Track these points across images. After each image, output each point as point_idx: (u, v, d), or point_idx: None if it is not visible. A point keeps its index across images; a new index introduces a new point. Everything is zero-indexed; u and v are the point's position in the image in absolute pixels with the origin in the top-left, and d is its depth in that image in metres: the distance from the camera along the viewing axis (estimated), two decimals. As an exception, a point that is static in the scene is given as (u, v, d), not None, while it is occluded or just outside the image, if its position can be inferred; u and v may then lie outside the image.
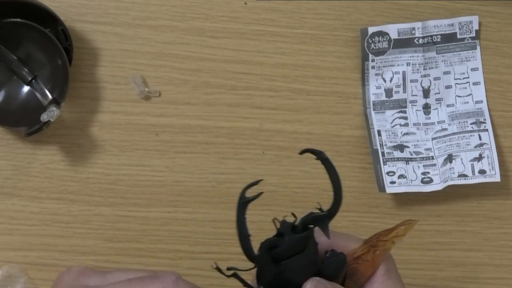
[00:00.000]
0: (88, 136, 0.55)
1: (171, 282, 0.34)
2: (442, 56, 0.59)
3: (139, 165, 0.56)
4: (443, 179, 0.57)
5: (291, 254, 0.35)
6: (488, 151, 0.57)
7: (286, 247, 0.34)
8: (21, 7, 0.50)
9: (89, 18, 0.55)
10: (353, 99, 0.58)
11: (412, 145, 0.58)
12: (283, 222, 0.35)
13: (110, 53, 0.55)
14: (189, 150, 0.56)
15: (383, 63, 0.58)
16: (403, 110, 0.59)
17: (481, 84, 0.59)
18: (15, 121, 0.52)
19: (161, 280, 0.34)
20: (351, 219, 0.58)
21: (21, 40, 0.51)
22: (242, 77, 0.57)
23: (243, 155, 0.57)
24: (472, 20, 0.58)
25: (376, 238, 0.38)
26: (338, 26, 0.58)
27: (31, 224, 0.54)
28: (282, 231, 0.35)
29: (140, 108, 0.56)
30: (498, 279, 0.60)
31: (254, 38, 0.57)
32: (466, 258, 0.59)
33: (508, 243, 0.60)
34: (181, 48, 0.56)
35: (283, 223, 0.35)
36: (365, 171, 0.58)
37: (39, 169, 0.55)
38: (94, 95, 0.55)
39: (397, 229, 0.38)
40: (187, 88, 0.56)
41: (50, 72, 0.52)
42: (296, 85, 0.58)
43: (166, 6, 0.56)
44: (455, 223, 0.59)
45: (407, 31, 0.58)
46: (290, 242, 0.34)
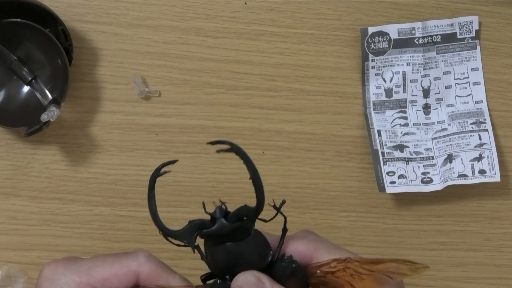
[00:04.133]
0: (88, 136, 0.55)
1: (144, 257, 0.36)
2: (442, 56, 0.59)
3: (139, 165, 0.56)
4: (443, 179, 0.57)
5: (223, 241, 0.35)
6: (488, 151, 0.57)
7: (216, 231, 0.34)
8: (21, 7, 0.50)
9: (89, 18, 0.55)
10: (353, 99, 0.58)
11: (412, 145, 0.58)
12: (216, 209, 0.35)
13: (110, 53, 0.55)
14: (189, 150, 0.56)
15: (383, 63, 0.58)
16: (403, 110, 0.59)
17: (481, 84, 0.59)
18: (15, 121, 0.52)
19: (134, 255, 0.36)
20: (351, 219, 0.58)
21: (21, 40, 0.51)
22: (242, 77, 0.57)
23: (243, 155, 0.57)
24: (472, 20, 0.58)
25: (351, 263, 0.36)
26: (338, 26, 0.58)
27: (31, 224, 0.54)
28: (214, 215, 0.35)
29: (140, 108, 0.56)
30: (498, 279, 0.60)
31: (254, 38, 0.57)
32: (466, 258, 0.59)
33: (508, 243, 0.60)
34: (181, 48, 0.56)
35: (217, 208, 0.35)
36: (365, 171, 0.58)
37: (39, 169, 0.55)
38: (94, 95, 0.55)
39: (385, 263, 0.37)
40: (187, 88, 0.56)
41: (50, 72, 0.52)
42: (296, 85, 0.58)
43: (166, 6, 0.56)
44: (455, 223, 0.59)
45: (407, 31, 0.58)
46: (221, 227, 0.34)
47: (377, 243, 0.58)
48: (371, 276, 0.36)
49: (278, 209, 0.36)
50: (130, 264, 0.35)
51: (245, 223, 0.35)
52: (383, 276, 0.36)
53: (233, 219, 0.35)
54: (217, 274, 0.36)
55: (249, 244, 0.35)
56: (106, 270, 0.35)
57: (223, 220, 0.34)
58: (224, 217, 0.35)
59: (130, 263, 0.35)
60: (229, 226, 0.34)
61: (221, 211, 0.35)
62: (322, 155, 0.58)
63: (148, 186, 0.36)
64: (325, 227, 0.58)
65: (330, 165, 0.58)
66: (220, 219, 0.35)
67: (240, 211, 0.35)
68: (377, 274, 0.36)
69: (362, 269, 0.36)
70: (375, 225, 0.58)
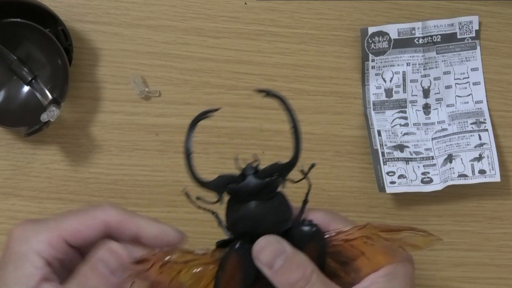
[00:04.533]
0: (88, 136, 0.55)
1: (110, 206, 0.36)
2: (442, 56, 0.59)
3: (139, 165, 0.56)
4: (443, 179, 0.57)
5: (251, 198, 0.34)
6: (488, 151, 0.57)
7: (245, 187, 0.34)
8: (21, 7, 0.50)
9: (89, 18, 0.55)
10: (353, 99, 0.58)
11: (412, 145, 0.58)
12: (248, 165, 0.35)
13: (110, 53, 0.55)
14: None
15: (383, 63, 0.58)
16: (403, 110, 0.59)
17: (481, 84, 0.59)
18: (15, 121, 0.52)
19: (101, 206, 0.36)
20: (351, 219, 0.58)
21: (21, 40, 0.51)
22: (242, 77, 0.57)
23: (243, 155, 0.57)
24: (472, 20, 0.58)
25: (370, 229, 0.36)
26: (338, 26, 0.58)
27: (31, 224, 0.54)
28: (244, 172, 0.35)
29: (140, 108, 0.56)
30: (498, 279, 0.60)
31: (254, 38, 0.57)
32: (466, 258, 0.59)
33: (508, 243, 0.60)
34: (181, 48, 0.56)
35: (248, 165, 0.35)
36: (365, 171, 0.58)
37: (39, 169, 0.55)
38: (94, 95, 0.55)
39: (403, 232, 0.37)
40: (187, 88, 0.56)
41: (50, 72, 0.52)
42: (296, 85, 0.58)
43: (166, 6, 0.56)
44: (455, 223, 0.59)
45: (407, 31, 0.58)
46: (250, 183, 0.34)
47: (377, 243, 0.58)
48: (384, 247, 0.36)
49: (306, 174, 0.36)
50: (99, 214, 0.36)
51: (275, 179, 0.34)
52: (396, 248, 0.36)
53: (263, 175, 0.34)
54: (234, 239, 0.35)
55: (273, 205, 0.35)
56: (76, 222, 0.36)
57: (252, 176, 0.34)
58: (254, 173, 0.34)
59: (98, 213, 0.36)
60: (259, 182, 0.34)
61: (252, 168, 0.35)
62: (322, 155, 0.58)
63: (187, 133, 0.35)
64: (325, 227, 0.58)
65: (330, 165, 0.58)
66: (250, 176, 0.34)
67: (271, 168, 0.35)
68: (391, 244, 0.36)
69: (379, 238, 0.36)
70: (375, 225, 0.58)
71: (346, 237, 0.36)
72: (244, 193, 0.34)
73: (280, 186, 0.35)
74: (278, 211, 0.35)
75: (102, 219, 0.36)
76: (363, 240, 0.36)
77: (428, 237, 0.37)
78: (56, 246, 0.35)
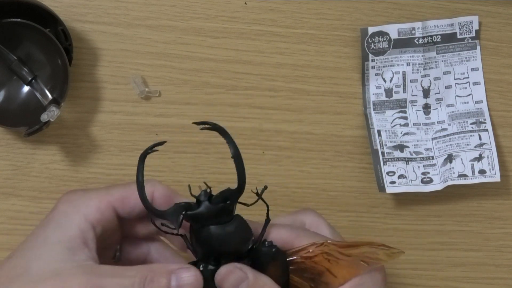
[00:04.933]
0: (88, 136, 0.55)
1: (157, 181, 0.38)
2: (442, 56, 0.59)
3: (139, 165, 0.56)
4: (443, 179, 0.57)
5: (210, 223, 0.36)
6: (488, 151, 0.57)
7: (200, 213, 0.36)
8: (21, 7, 0.50)
9: (89, 18, 0.55)
10: (353, 99, 0.58)
11: (412, 145, 0.58)
12: (201, 192, 0.36)
13: (110, 53, 0.55)
14: (189, 150, 0.56)
15: (383, 63, 0.58)
16: (403, 110, 0.59)
17: (481, 84, 0.59)
18: (15, 121, 0.52)
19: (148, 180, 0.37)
20: (351, 219, 0.58)
21: (21, 40, 0.51)
22: (242, 77, 0.57)
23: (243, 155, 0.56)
24: (472, 20, 0.58)
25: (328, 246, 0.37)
26: (338, 26, 0.58)
27: (31, 224, 0.54)
28: (199, 198, 0.36)
29: (140, 108, 0.56)
30: (498, 279, 0.60)
31: (254, 38, 0.57)
32: (466, 258, 0.59)
33: (508, 243, 0.60)
34: (181, 48, 0.56)
35: (202, 192, 0.36)
36: (365, 171, 0.58)
37: (39, 169, 0.55)
38: (94, 95, 0.55)
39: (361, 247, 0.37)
40: (187, 88, 0.56)
41: (50, 72, 0.52)
42: (296, 85, 0.58)
43: (166, 6, 0.56)
44: (455, 223, 0.59)
45: (407, 31, 0.58)
46: (205, 209, 0.36)
47: (377, 243, 0.58)
48: (347, 261, 0.37)
49: (260, 195, 0.37)
50: (147, 185, 0.37)
51: (228, 204, 0.36)
52: (360, 262, 0.37)
53: (216, 201, 0.36)
54: (201, 261, 0.37)
55: (232, 227, 0.36)
56: (125, 191, 0.38)
57: (207, 202, 0.36)
58: (208, 200, 0.36)
59: (146, 185, 0.37)
60: (213, 207, 0.36)
61: (206, 194, 0.36)
62: (322, 155, 0.58)
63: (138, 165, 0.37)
64: (325, 227, 0.58)
65: (330, 165, 0.58)
66: (204, 202, 0.36)
67: (224, 193, 0.36)
68: (353, 258, 0.37)
69: (339, 254, 0.37)
70: (375, 225, 0.58)
71: (306, 254, 0.37)
72: (201, 218, 0.36)
73: (234, 210, 0.37)
74: (237, 232, 0.36)
75: (149, 191, 0.37)
76: (324, 256, 0.37)
77: (389, 250, 0.38)
78: (104, 212, 0.36)
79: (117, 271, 0.35)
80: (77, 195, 0.37)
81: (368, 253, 0.37)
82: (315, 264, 0.37)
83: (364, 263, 0.37)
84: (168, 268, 0.35)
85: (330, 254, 0.37)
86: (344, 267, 0.37)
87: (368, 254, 0.37)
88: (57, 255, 0.34)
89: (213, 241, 0.36)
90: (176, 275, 0.35)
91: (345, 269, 0.37)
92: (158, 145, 0.37)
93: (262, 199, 0.38)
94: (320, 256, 0.37)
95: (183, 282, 0.35)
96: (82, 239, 0.35)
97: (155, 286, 0.34)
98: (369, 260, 0.37)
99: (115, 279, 0.34)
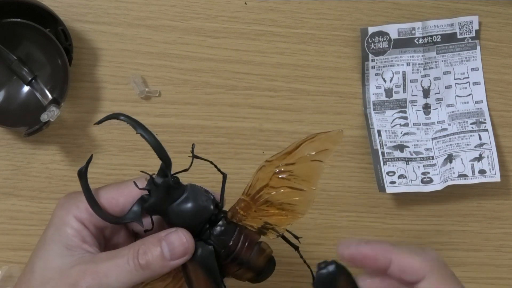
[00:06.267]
0: (88, 136, 0.55)
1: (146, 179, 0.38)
2: (442, 56, 0.59)
3: (139, 165, 0.56)
4: (443, 179, 0.57)
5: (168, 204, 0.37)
6: (488, 151, 0.57)
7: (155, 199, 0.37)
8: (21, 7, 0.50)
9: (89, 18, 0.55)
10: (353, 99, 0.58)
11: (412, 145, 0.58)
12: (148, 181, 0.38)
13: (110, 53, 0.55)
14: (189, 150, 0.56)
15: (383, 63, 0.58)
16: (403, 110, 0.59)
17: (481, 84, 0.59)
18: (15, 121, 0.52)
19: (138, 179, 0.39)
20: (351, 219, 0.58)
21: (21, 40, 0.51)
22: (242, 77, 0.57)
23: (243, 155, 0.57)
24: (472, 20, 0.58)
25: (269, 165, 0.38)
26: (338, 26, 0.58)
27: (31, 224, 0.54)
28: (148, 188, 0.37)
29: (140, 108, 0.56)
30: (498, 279, 0.60)
31: (254, 38, 0.57)
32: (466, 258, 0.59)
33: (508, 243, 0.60)
34: (181, 48, 0.56)
35: (148, 181, 0.38)
36: (365, 171, 0.58)
37: (39, 169, 0.55)
38: (94, 95, 0.55)
39: (300, 148, 0.37)
40: (187, 88, 0.56)
41: (50, 72, 0.52)
42: (296, 85, 0.58)
43: (166, 6, 0.56)
44: (455, 223, 0.59)
45: (407, 31, 0.58)
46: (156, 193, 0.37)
47: (377, 243, 0.58)
48: (300, 168, 0.37)
49: (193, 155, 0.40)
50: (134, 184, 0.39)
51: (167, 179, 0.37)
52: (311, 162, 0.37)
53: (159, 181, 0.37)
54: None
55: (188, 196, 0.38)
56: (113, 190, 0.39)
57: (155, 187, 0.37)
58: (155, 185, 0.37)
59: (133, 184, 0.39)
60: (160, 190, 0.37)
61: (150, 182, 0.37)
62: (322, 155, 0.58)
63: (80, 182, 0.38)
64: (325, 227, 0.58)
65: (330, 165, 0.58)
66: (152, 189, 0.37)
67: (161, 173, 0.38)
68: (304, 163, 0.37)
69: (287, 166, 0.37)
70: (375, 225, 0.58)
71: (261, 185, 0.38)
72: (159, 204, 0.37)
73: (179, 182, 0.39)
74: (196, 198, 0.38)
75: (138, 190, 0.38)
76: (277, 177, 0.37)
77: (326, 134, 0.38)
78: (93, 213, 0.38)
79: (112, 253, 0.37)
80: (70, 198, 0.39)
81: (313, 149, 0.37)
82: (275, 188, 0.37)
83: (316, 161, 0.37)
84: (158, 237, 0.37)
85: (281, 171, 0.37)
86: (302, 175, 0.37)
87: (314, 151, 0.37)
88: (56, 253, 0.37)
89: (180, 217, 0.37)
90: (166, 241, 0.36)
91: (305, 175, 0.37)
92: (89, 161, 0.38)
93: (197, 156, 0.40)
94: (274, 179, 0.37)
95: (174, 245, 0.36)
96: (79, 237, 0.38)
97: (149, 257, 0.36)
98: (318, 155, 0.37)
99: (110, 261, 0.36)
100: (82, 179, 0.38)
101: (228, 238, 0.37)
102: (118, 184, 0.40)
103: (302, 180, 0.37)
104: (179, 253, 0.36)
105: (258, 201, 0.37)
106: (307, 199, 0.38)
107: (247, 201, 0.38)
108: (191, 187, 0.39)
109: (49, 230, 0.38)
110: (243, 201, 0.38)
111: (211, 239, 0.38)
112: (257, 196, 0.37)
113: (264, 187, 0.37)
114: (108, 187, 0.40)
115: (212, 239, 0.38)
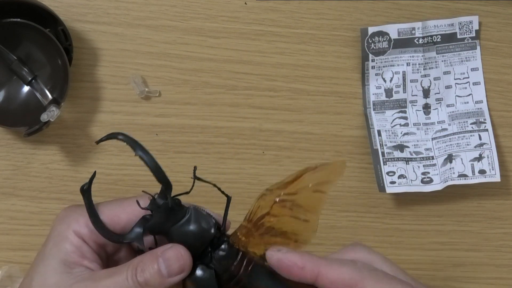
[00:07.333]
0: (88, 136, 0.55)
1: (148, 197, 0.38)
2: (442, 56, 0.59)
3: (139, 165, 0.55)
4: (443, 179, 0.57)
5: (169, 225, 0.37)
6: (488, 151, 0.57)
7: (156, 219, 0.37)
8: (21, 7, 0.50)
9: (89, 18, 0.55)
10: (353, 99, 0.58)
11: (412, 145, 0.58)
12: (150, 201, 0.37)
13: (110, 53, 0.55)
14: (189, 150, 0.56)
15: (383, 63, 0.58)
16: (403, 110, 0.59)
17: (481, 84, 0.59)
18: (15, 121, 0.52)
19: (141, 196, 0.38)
20: (351, 219, 0.58)
21: (21, 40, 0.51)
22: (242, 77, 0.57)
23: (243, 155, 0.57)
24: (472, 20, 0.58)
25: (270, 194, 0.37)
26: (338, 26, 0.58)
27: (31, 224, 0.54)
28: (150, 208, 0.37)
29: (140, 108, 0.56)
30: (498, 279, 0.60)
31: (254, 38, 0.57)
32: (466, 258, 0.59)
33: (508, 243, 0.60)
34: (181, 48, 0.56)
35: (151, 201, 0.37)
36: (365, 171, 0.58)
37: (39, 169, 0.55)
38: (94, 95, 0.55)
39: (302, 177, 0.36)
40: (187, 88, 0.56)
41: (50, 72, 0.52)
42: (296, 85, 0.58)
43: (166, 6, 0.56)
44: (455, 223, 0.59)
45: (407, 31, 0.58)
46: (159, 214, 0.37)
47: (377, 243, 0.58)
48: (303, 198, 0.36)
49: (195, 176, 0.39)
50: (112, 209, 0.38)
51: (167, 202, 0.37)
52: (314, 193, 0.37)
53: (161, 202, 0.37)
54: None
55: (190, 218, 0.37)
56: (115, 207, 0.39)
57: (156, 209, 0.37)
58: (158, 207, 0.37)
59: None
60: (161, 212, 0.37)
61: (153, 204, 0.37)
62: (322, 155, 0.58)
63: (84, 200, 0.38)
64: (325, 227, 0.58)
65: (330, 165, 0.58)
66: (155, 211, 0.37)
67: (162, 194, 0.37)
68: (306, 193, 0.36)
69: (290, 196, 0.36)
70: (375, 225, 0.58)
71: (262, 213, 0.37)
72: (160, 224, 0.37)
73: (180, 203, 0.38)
74: (197, 221, 0.37)
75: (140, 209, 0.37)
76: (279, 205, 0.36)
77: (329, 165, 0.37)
78: (93, 229, 0.37)
79: (111, 271, 0.36)
80: (70, 212, 0.39)
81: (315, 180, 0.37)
82: (276, 217, 0.37)
83: (318, 192, 0.37)
84: (155, 254, 0.36)
85: (283, 200, 0.36)
86: (305, 205, 0.37)
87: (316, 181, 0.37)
88: (54, 269, 0.36)
89: (181, 238, 0.37)
90: (162, 257, 0.36)
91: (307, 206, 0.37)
92: (93, 178, 0.38)
93: (199, 178, 0.39)
94: (275, 208, 0.36)
95: (170, 262, 0.36)
96: (78, 254, 0.37)
97: (147, 275, 0.35)
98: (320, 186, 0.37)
99: (109, 279, 0.35)
100: (85, 196, 0.37)
101: (230, 262, 0.37)
102: (121, 201, 0.39)
103: (304, 210, 0.37)
104: (176, 269, 0.36)
105: (260, 228, 0.37)
106: (310, 228, 0.37)
107: (248, 227, 0.37)
108: (193, 209, 0.38)
109: (48, 244, 0.37)
110: (245, 227, 0.37)
111: (213, 263, 0.37)
112: (259, 223, 0.37)
113: (265, 215, 0.37)
114: (110, 203, 0.39)
115: (214, 263, 0.37)
